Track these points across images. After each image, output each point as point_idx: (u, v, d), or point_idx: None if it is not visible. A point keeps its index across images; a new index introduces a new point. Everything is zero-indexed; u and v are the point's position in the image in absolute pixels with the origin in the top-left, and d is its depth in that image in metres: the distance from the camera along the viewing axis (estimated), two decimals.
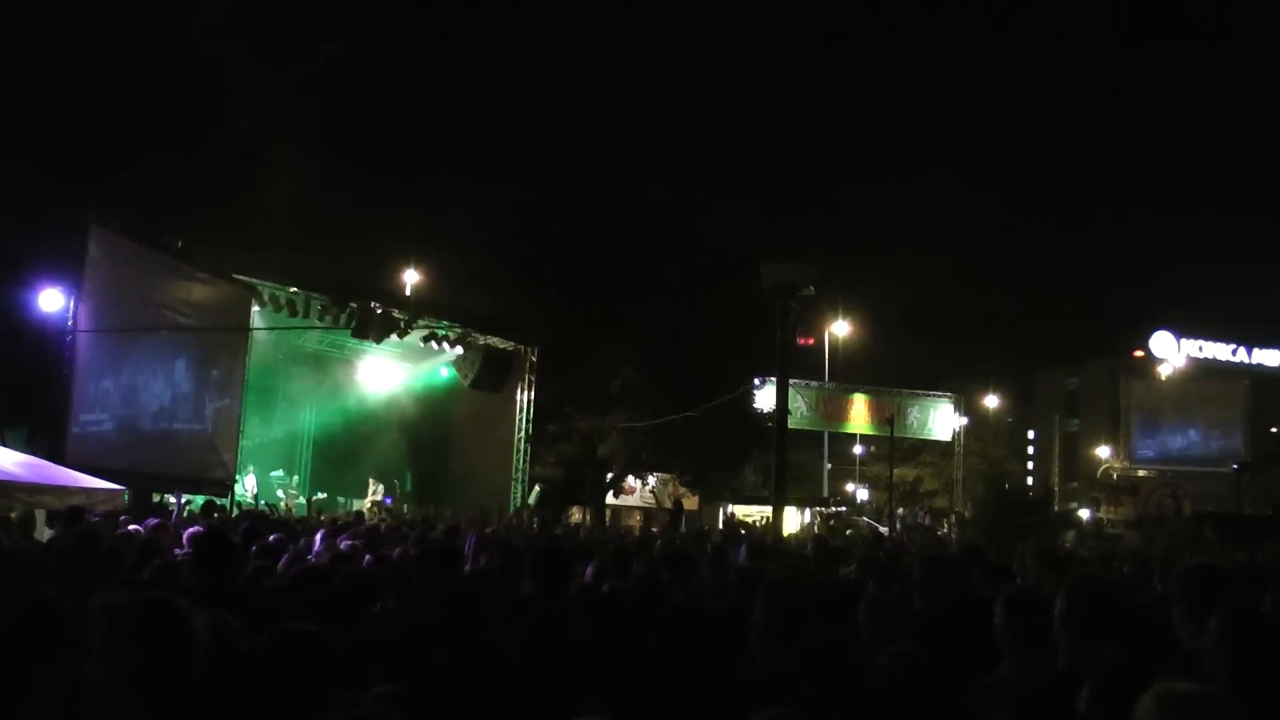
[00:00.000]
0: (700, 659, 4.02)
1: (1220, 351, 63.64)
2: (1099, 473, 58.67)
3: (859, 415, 46.65)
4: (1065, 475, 66.05)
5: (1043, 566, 7.33)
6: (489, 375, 27.74)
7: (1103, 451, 63.09)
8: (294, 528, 13.30)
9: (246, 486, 26.20)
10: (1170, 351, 62.63)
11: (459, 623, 4.48)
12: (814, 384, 46.30)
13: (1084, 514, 50.00)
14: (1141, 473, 56.23)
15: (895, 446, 42.98)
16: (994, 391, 58.73)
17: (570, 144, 75.17)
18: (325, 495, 28.23)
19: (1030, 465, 69.96)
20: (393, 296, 31.11)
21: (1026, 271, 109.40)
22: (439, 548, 7.01)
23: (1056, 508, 49.31)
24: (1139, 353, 63.64)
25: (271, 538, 9.12)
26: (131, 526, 10.44)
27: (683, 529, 23.90)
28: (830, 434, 50.34)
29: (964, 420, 50.87)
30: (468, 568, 8.32)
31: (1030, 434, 72.08)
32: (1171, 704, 2.49)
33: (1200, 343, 63.07)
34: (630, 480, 33.52)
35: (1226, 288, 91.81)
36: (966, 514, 44.03)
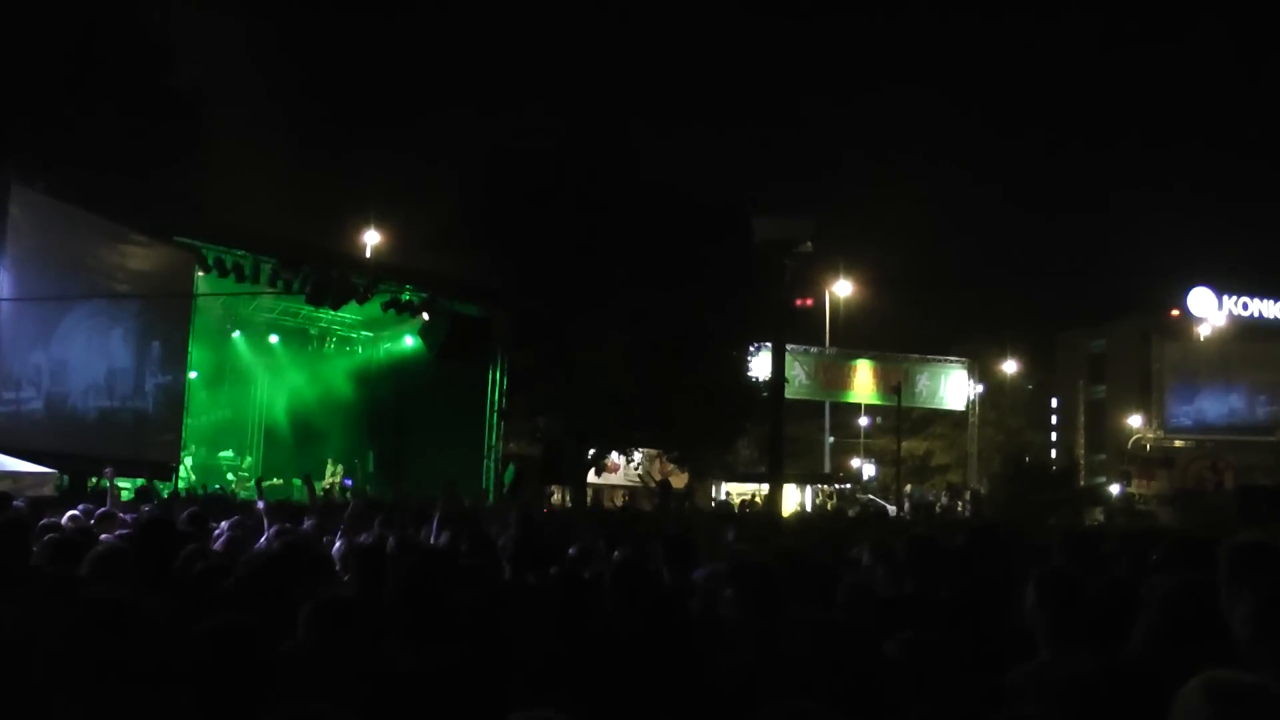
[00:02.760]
0: (684, 648, 4.07)
1: (1268, 309, 63.00)
2: (1129, 444, 58.87)
3: (863, 383, 46.86)
4: (1091, 447, 66.08)
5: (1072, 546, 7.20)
6: (458, 344, 27.68)
7: (1133, 420, 63.07)
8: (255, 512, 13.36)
9: (189, 466, 26.40)
10: (1210, 310, 62.30)
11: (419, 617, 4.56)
12: (813, 349, 46.50)
13: (1113, 489, 50.19)
14: (1177, 443, 56.46)
15: (903, 417, 43.14)
16: (1011, 356, 58.64)
17: (542, 89, 74.72)
18: (279, 480, 28.26)
19: (1053, 436, 69.89)
20: (351, 259, 31.18)
21: (1047, 222, 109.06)
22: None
23: (1082, 482, 49.50)
24: (1175, 312, 63.47)
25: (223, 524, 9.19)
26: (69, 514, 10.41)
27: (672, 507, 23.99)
28: (832, 404, 50.55)
29: (978, 388, 51.11)
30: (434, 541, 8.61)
31: (1052, 402, 72.00)
32: (1221, 695, 2.39)
33: (1245, 299, 62.68)
34: (614, 457, 33.61)
35: (1275, 238, 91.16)
36: (983, 490, 44.26)
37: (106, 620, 3.22)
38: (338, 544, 8.55)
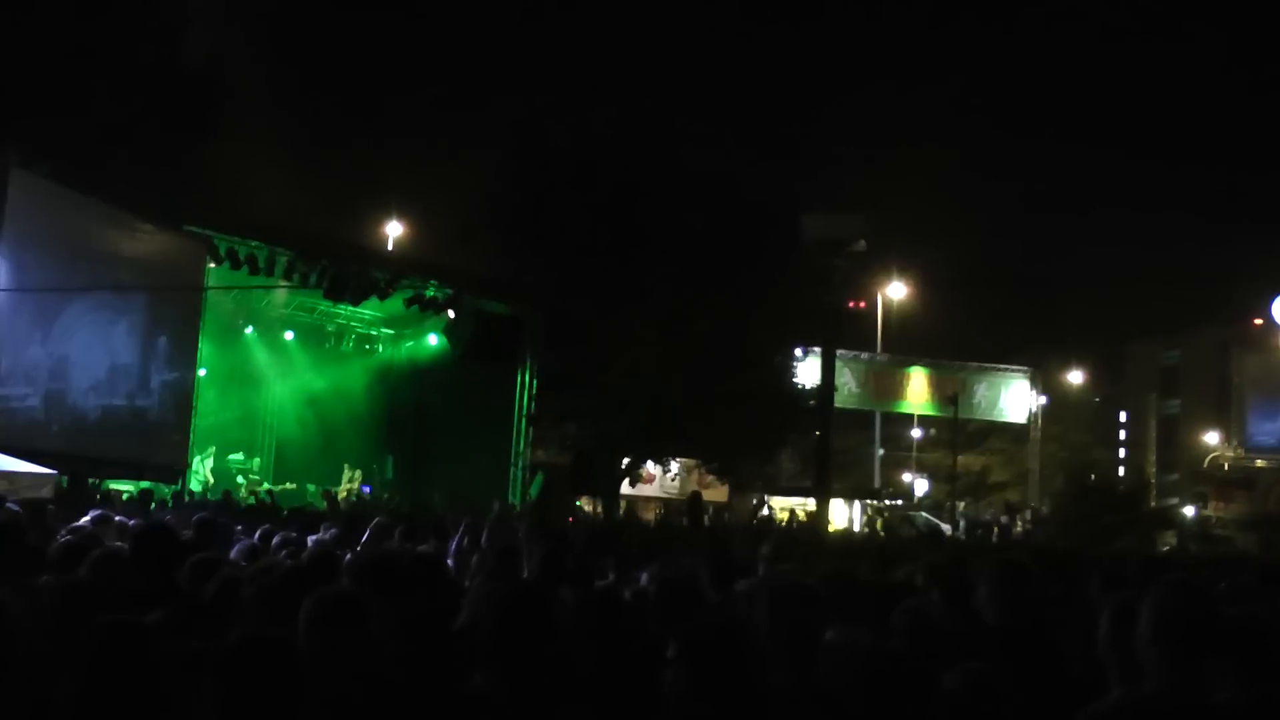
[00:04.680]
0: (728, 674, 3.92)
1: None
2: (1205, 463, 58.18)
3: (916, 392, 46.41)
4: (1163, 465, 65.47)
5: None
6: (484, 344, 27.60)
7: (1210, 438, 62.45)
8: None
9: (206, 470, 26.61)
10: None
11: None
12: (863, 355, 46.09)
13: (1187, 511, 49.65)
14: (1259, 463, 55.65)
15: (959, 430, 42.77)
16: (1077, 366, 58.20)
17: (577, 76, 74.81)
18: (293, 485, 28.30)
19: (1121, 453, 69.32)
20: (372, 252, 31.10)
21: (1116, 223, 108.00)
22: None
23: (1153, 503, 48.95)
24: (1257, 321, 62.76)
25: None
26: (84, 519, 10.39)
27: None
28: (882, 415, 50.26)
29: (1041, 399, 50.51)
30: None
31: (1121, 416, 71.49)
32: None
33: None
34: (650, 467, 33.40)
35: None
36: (1044, 510, 43.83)
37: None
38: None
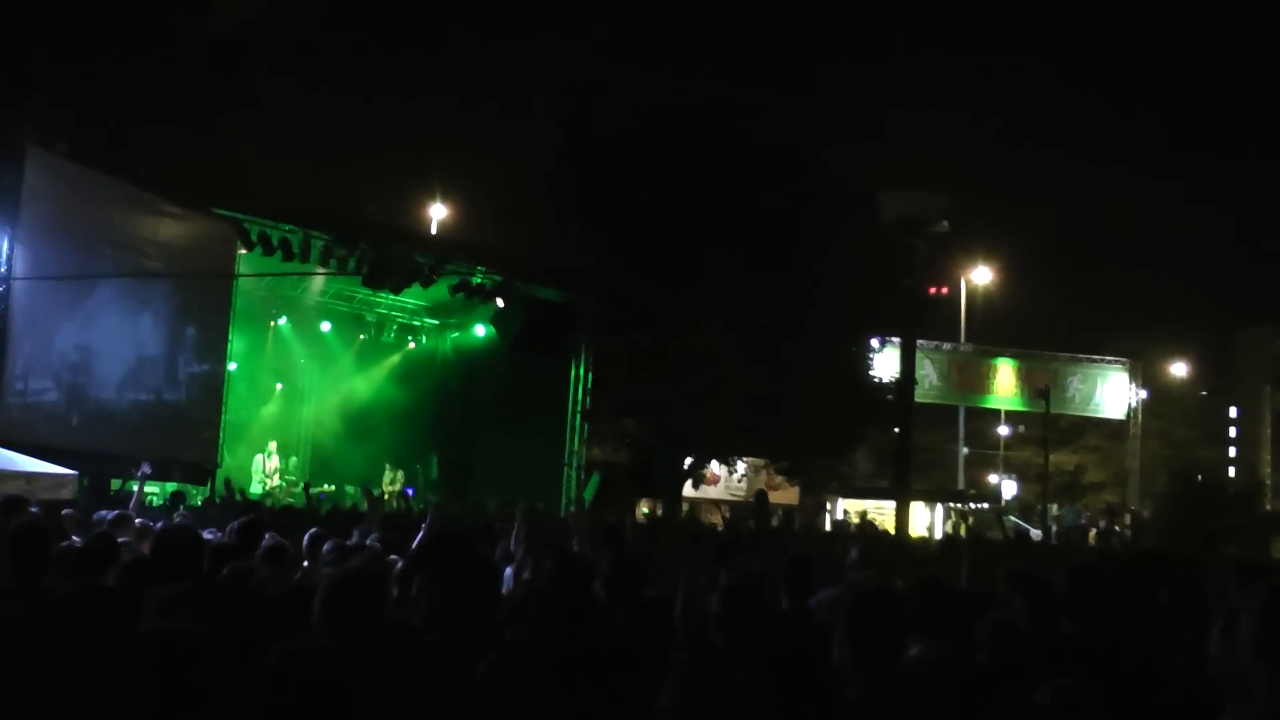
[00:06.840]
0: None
1: None
2: None
3: (1004, 386, 46.18)
4: (1278, 464, 64.70)
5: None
6: (536, 334, 27.59)
7: None
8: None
9: (266, 469, 27.02)
10: None
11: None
12: (946, 345, 45.96)
13: None
14: None
15: (1051, 426, 42.32)
16: (1181, 356, 57.55)
17: (637, 43, 74.60)
18: (331, 486, 28.33)
19: (1231, 451, 68.68)
20: (415, 236, 31.13)
21: (1224, 200, 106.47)
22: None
23: (1268, 506, 48.40)
24: None
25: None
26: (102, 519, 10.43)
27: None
28: (967, 410, 50.10)
29: (1141, 393, 50.16)
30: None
31: (1230, 411, 70.69)
32: None
33: None
34: (714, 467, 33.25)
35: None
36: (1145, 513, 43.37)
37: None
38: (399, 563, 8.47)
